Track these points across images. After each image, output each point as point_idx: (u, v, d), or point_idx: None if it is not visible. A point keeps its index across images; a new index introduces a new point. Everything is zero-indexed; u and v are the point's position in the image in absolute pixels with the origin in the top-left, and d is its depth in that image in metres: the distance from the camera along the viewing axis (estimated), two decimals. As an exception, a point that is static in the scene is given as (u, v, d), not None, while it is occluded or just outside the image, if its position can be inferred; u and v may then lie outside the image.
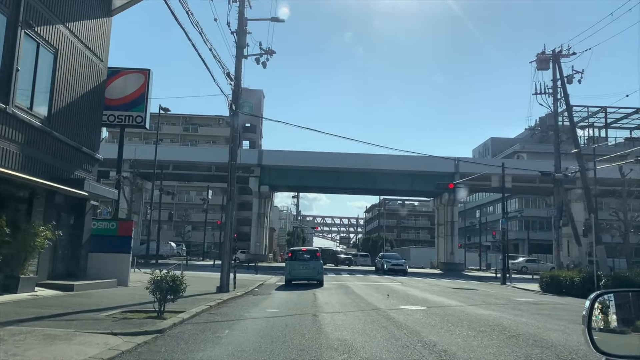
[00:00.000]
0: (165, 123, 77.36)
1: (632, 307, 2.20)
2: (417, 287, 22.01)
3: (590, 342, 2.11)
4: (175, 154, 50.32)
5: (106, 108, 18.17)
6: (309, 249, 23.05)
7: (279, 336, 7.75)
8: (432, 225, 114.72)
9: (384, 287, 21.64)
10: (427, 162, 49.60)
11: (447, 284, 26.90)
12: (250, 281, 22.89)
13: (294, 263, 20.99)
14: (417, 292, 18.71)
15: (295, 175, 50.69)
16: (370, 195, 68.12)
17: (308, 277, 20.85)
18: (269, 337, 7.70)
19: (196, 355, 6.18)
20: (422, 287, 22.41)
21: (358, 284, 23.27)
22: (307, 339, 7.55)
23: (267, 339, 7.45)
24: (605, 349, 2.07)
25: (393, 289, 20.23)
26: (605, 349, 2.07)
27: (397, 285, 23.48)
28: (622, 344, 2.08)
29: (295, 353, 6.38)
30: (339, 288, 19.98)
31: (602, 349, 2.08)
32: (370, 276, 31.44)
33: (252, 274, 29.28)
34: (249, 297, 15.70)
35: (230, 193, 17.06)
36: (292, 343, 7.12)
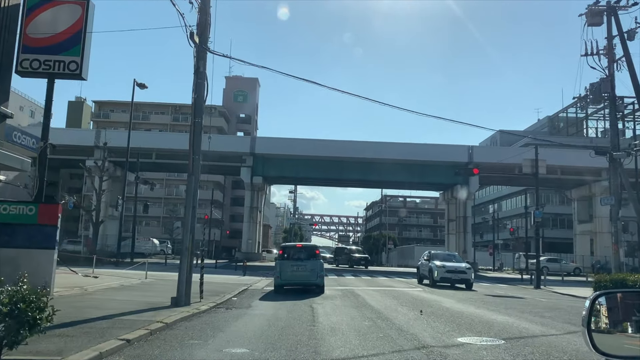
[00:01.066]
0: (153, 112, 72.63)
1: (632, 308, 2.16)
2: (447, 295, 17.14)
3: (590, 342, 2.08)
4: (158, 141, 45.34)
5: (28, 51, 13.21)
6: (306, 245, 18.12)
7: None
8: (435, 223, 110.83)
9: (404, 295, 16.76)
10: (437, 151, 44.84)
11: (477, 289, 22.08)
12: (231, 286, 18.03)
13: (286, 263, 16.11)
14: (456, 305, 13.75)
15: (292, 165, 45.74)
16: (375, 188, 63.08)
17: (304, 282, 15.98)
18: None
19: None
20: (454, 295, 17.57)
21: (368, 290, 18.35)
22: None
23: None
24: (605, 349, 2.05)
25: (418, 299, 15.38)
26: (605, 350, 2.04)
27: (419, 291, 18.61)
28: (622, 345, 2.06)
29: None
30: (345, 297, 15.08)
31: (601, 349, 2.05)
32: (379, 279, 26.52)
33: (238, 276, 24.61)
34: (215, 314, 10.82)
35: (192, 164, 12.16)
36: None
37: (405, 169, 45.29)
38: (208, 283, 19.21)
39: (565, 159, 43.07)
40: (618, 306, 2.21)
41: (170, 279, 20.32)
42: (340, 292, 16.87)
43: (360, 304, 13.01)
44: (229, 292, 15.71)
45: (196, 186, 12.14)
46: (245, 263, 26.86)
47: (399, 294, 16.52)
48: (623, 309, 2.20)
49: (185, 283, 11.54)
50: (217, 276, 24.16)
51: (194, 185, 12.07)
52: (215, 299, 13.49)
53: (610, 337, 2.13)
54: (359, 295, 15.72)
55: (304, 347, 6.84)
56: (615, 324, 2.19)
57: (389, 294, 16.71)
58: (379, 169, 45.19)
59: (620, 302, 2.23)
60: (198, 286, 13.10)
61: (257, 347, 6.76)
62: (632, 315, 2.17)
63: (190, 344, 6.92)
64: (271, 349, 6.66)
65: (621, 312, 2.20)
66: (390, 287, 19.79)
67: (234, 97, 78.07)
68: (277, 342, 7.20)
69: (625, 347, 2.07)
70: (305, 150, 44.32)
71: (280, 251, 16.57)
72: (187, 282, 11.62)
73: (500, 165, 43.87)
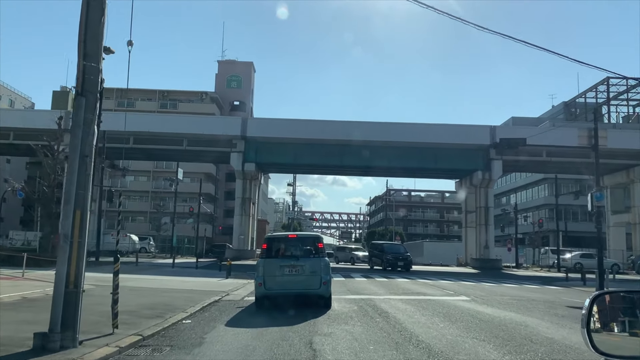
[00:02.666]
0: (139, 99, 67.11)
1: (631, 308, 2.15)
2: (499, 303, 11.67)
3: (589, 342, 2.06)
4: (136, 122, 39.67)
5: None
6: (303, 236, 12.35)
7: None
8: (442, 218, 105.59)
9: (455, 310, 11.28)
10: (454, 133, 39.28)
11: (520, 292, 16.65)
12: (198, 295, 12.65)
13: (273, 263, 10.65)
14: (560, 331, 8.19)
15: (288, 150, 40.17)
16: (381, 176, 57.60)
17: (300, 291, 10.54)
18: None
19: None
20: (504, 302, 12.14)
21: (394, 300, 12.70)
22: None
23: None
24: (605, 349, 2.03)
25: (466, 312, 9.93)
26: (605, 349, 2.03)
27: (455, 298, 13.15)
28: (622, 344, 2.05)
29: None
30: (365, 316, 9.57)
31: (601, 349, 2.03)
32: (397, 280, 20.94)
33: (219, 279, 19.51)
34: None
35: (81, 73, 6.53)
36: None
37: (416, 154, 39.77)
38: (164, 292, 13.70)
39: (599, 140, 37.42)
40: (618, 306, 2.20)
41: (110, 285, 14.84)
42: (354, 305, 11.34)
43: (399, 335, 7.47)
44: (186, 307, 10.24)
45: (92, 117, 6.53)
46: (229, 262, 21.30)
47: (446, 309, 10.96)
48: (623, 308, 2.17)
49: (66, 303, 5.99)
50: (190, 279, 18.79)
51: (86, 116, 6.44)
52: (148, 325, 7.99)
53: (610, 337, 2.09)
54: (386, 312, 10.15)
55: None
56: (616, 324, 2.16)
57: (430, 307, 11.16)
58: (385, 153, 39.65)
59: (620, 302, 2.23)
60: (126, 302, 7.64)
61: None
62: (632, 315, 2.12)
63: None
64: None
65: (621, 312, 2.16)
66: (423, 295, 14.23)
67: (227, 83, 72.50)
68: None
69: (625, 347, 2.04)
70: (303, 133, 38.77)
71: (265, 245, 10.93)
72: (70, 300, 6.07)
73: (526, 149, 38.32)
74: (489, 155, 39.48)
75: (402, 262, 30.59)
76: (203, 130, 39.24)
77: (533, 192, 69.70)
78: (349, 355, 5.99)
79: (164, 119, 42.81)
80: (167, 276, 20.11)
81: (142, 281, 17.09)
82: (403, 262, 30.62)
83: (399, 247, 34.24)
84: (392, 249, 32.51)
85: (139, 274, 20.50)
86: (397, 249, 32.93)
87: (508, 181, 73.32)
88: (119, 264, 7.54)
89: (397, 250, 32.47)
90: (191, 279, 19.40)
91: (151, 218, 63.06)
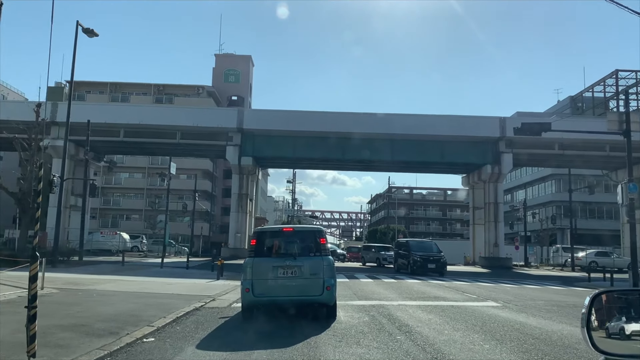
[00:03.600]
0: (134, 93, 65.03)
1: (631, 307, 2.18)
2: (538, 310, 9.64)
3: (589, 341, 2.06)
4: (126, 115, 37.61)
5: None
6: (300, 229, 9.98)
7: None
8: (444, 215, 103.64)
9: (472, 313, 9.21)
10: (461, 125, 37.21)
11: (551, 295, 14.60)
12: (177, 301, 10.63)
13: (264, 264, 8.57)
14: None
15: (287, 144, 38.07)
16: (384, 171, 55.39)
17: (297, 297, 8.45)
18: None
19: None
20: (543, 308, 10.11)
21: (412, 307, 10.58)
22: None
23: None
24: (605, 348, 2.03)
25: (507, 324, 7.91)
26: (605, 348, 2.03)
27: (482, 304, 11.11)
28: (622, 344, 2.04)
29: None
30: (381, 332, 7.48)
31: (601, 348, 2.03)
32: (407, 282, 18.85)
33: (209, 280, 17.47)
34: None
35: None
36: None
37: (422, 148, 37.72)
38: (138, 297, 11.51)
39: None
40: (618, 305, 2.21)
41: (85, 289, 12.79)
42: (365, 314, 9.26)
43: (426, 354, 5.38)
44: (155, 319, 8.18)
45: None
46: (220, 262, 19.23)
47: (480, 320, 8.83)
48: (623, 307, 2.19)
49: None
50: (175, 281, 16.75)
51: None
52: (89, 348, 5.91)
53: (611, 336, 2.07)
54: (407, 325, 8.05)
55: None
56: (616, 322, 2.12)
57: (460, 318, 9.05)
58: (389, 147, 37.60)
59: (620, 301, 2.25)
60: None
61: None
62: (633, 314, 2.14)
63: None
64: None
65: (622, 311, 2.17)
66: (443, 301, 12.12)
67: (224, 77, 70.39)
68: None
69: (625, 346, 2.04)
70: (302, 125, 36.68)
71: (253, 241, 8.80)
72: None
73: (537, 142, 36.32)
74: (498, 148, 37.45)
75: (434, 263, 24.67)
76: (197, 122, 37.16)
77: (540, 189, 67.67)
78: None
79: (156, 111, 40.68)
80: (152, 277, 18.05)
81: (120, 283, 15.03)
82: (435, 263, 24.67)
83: (429, 245, 27.55)
84: (421, 248, 26.47)
85: (120, 275, 18.47)
86: (426, 247, 26.76)
87: (513, 177, 71.24)
88: (36, 266, 5.40)
89: (428, 249, 26.39)
90: (178, 280, 17.36)
91: (146, 216, 60.98)
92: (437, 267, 24.53)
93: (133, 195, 65.69)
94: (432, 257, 25.01)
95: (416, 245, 26.85)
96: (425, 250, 26.14)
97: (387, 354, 5.82)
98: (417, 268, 24.53)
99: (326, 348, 6.15)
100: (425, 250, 25.98)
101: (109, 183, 64.00)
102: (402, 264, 26.70)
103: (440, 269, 24.49)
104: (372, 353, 5.88)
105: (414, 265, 24.80)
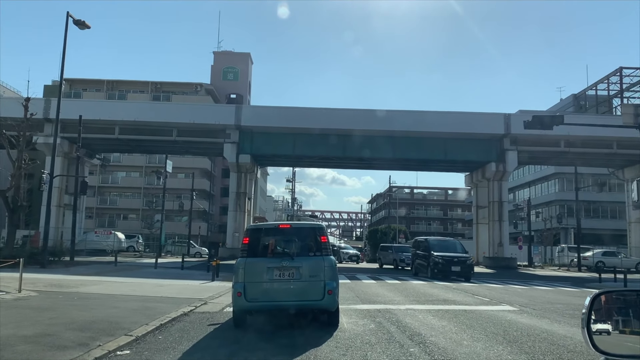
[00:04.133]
0: (131, 90, 64.07)
1: (632, 307, 2.16)
2: (561, 315, 8.80)
3: (589, 341, 2.06)
4: (122, 111, 36.70)
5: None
6: (298, 226, 8.96)
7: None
8: (445, 215, 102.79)
9: (489, 319, 8.33)
10: (465, 121, 36.32)
11: (566, 297, 13.71)
12: (164, 305, 9.78)
13: (257, 265, 7.65)
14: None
15: (287, 141, 37.16)
16: (385, 169, 54.27)
17: (295, 302, 7.48)
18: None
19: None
20: (564, 313, 9.28)
21: (421, 312, 9.61)
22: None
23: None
24: (605, 348, 2.03)
25: (531, 332, 7.05)
26: (605, 349, 2.03)
27: (497, 308, 10.22)
28: (622, 344, 2.04)
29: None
30: (386, 338, 6.63)
31: (601, 348, 2.04)
32: (412, 283, 17.93)
33: (203, 281, 16.60)
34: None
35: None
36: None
37: (424, 145, 36.82)
38: (122, 301, 10.47)
39: (619, 130, 34.38)
40: (618, 305, 2.19)
41: (67, 292, 11.85)
42: (370, 321, 8.34)
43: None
44: (135, 326, 7.27)
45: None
46: (215, 262, 18.32)
47: (500, 327, 7.90)
48: (623, 307, 2.17)
49: None
50: (168, 283, 15.86)
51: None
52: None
53: (610, 336, 2.08)
54: (419, 333, 7.12)
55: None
56: (615, 323, 2.13)
57: (477, 325, 8.12)
58: (390, 144, 36.70)
59: (620, 301, 2.23)
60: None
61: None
62: (633, 314, 2.12)
63: None
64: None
65: (621, 311, 2.16)
66: (454, 304, 11.17)
67: (223, 75, 69.48)
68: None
69: (625, 346, 2.04)
70: (302, 122, 35.77)
71: (246, 239, 7.86)
72: None
73: (542, 139, 35.45)
74: (502, 145, 36.56)
75: (459, 265, 21.08)
76: (194, 119, 36.23)
77: (543, 188, 66.83)
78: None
79: (152, 107, 39.73)
80: (143, 279, 17.14)
81: (107, 285, 14.11)
82: (460, 265, 21.08)
83: (453, 244, 23.82)
84: (443, 247, 22.71)
85: (110, 276, 17.57)
86: (449, 247, 23.00)
87: (515, 176, 70.34)
88: None
89: (451, 249, 22.68)
90: (170, 281, 16.46)
91: (144, 216, 60.04)
92: (463, 270, 21.01)
93: (130, 194, 64.79)
94: (456, 259, 21.43)
95: (437, 244, 23.11)
96: (448, 249, 22.44)
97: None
98: (438, 271, 21.28)
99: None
100: (447, 250, 22.29)
101: (106, 182, 63.10)
102: (421, 266, 23.42)
103: (466, 272, 20.99)
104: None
105: (435, 267, 21.48)
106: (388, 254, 34.15)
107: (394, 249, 34.29)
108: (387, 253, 34.63)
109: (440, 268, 21.20)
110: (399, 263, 31.62)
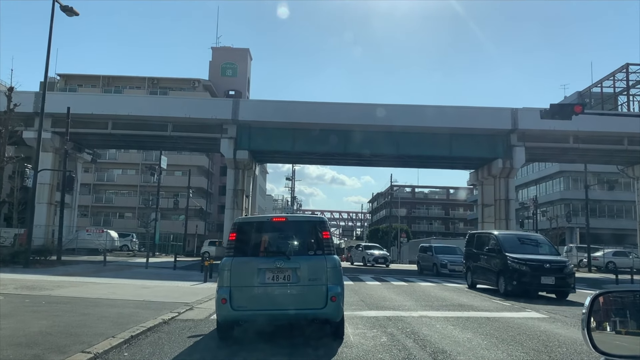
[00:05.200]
0: (127, 86, 62.76)
1: (632, 307, 2.13)
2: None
3: (589, 342, 2.03)
4: (115, 105, 35.40)
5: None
6: (295, 219, 7.69)
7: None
8: (447, 215, 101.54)
9: (518, 329, 7.05)
10: (470, 116, 34.98)
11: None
12: (146, 309, 8.47)
13: (246, 266, 6.36)
14: None
15: (286, 137, 35.88)
16: (387, 166, 52.85)
17: (291, 310, 6.19)
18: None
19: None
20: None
21: (439, 320, 8.31)
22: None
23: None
24: (605, 348, 2.00)
25: (571, 345, 5.72)
26: (605, 349, 2.00)
27: (523, 314, 8.96)
28: (622, 344, 2.01)
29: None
30: (402, 357, 5.25)
31: (601, 348, 2.00)
32: (420, 285, 16.64)
33: (195, 283, 15.39)
34: None
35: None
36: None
37: (428, 141, 35.50)
38: (95, 305, 8.94)
39: (630, 125, 33.14)
40: (618, 305, 2.17)
41: (38, 295, 10.53)
42: (380, 332, 7.05)
43: None
44: (99, 338, 6.00)
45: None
46: (209, 262, 17.07)
47: (534, 340, 6.61)
48: (623, 308, 2.16)
49: None
50: (155, 284, 14.58)
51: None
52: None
53: (610, 337, 2.05)
54: (442, 349, 5.82)
55: None
56: (616, 323, 2.11)
57: (507, 336, 6.83)
58: (397, 140, 35.43)
59: (620, 301, 2.21)
60: None
61: None
62: (633, 314, 2.10)
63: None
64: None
65: (621, 312, 2.14)
66: (472, 310, 9.89)
67: (221, 71, 68.18)
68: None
69: (625, 346, 2.01)
70: (302, 117, 34.45)
71: (233, 235, 6.63)
72: None
73: (551, 135, 34.22)
74: (509, 141, 35.26)
75: (553, 275, 13.09)
76: (190, 113, 34.91)
77: (548, 186, 65.61)
78: None
79: (146, 101, 38.41)
80: (130, 279, 15.90)
81: (86, 287, 12.84)
82: (554, 276, 13.13)
83: (535, 243, 15.19)
84: (520, 247, 14.37)
85: (95, 277, 16.30)
86: (531, 247, 14.68)
87: (519, 175, 69.13)
88: None
89: (533, 250, 14.46)
90: (158, 283, 15.19)
91: (140, 214, 58.77)
92: (558, 283, 13.11)
93: (127, 192, 63.55)
94: (547, 264, 13.24)
95: (510, 242, 14.54)
96: (531, 251, 14.22)
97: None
98: (518, 284, 13.10)
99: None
100: (529, 252, 14.04)
101: (101, 180, 61.89)
102: (482, 273, 15.22)
103: (564, 287, 13.28)
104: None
105: (512, 277, 13.22)
106: (427, 256, 27.11)
107: (433, 250, 26.76)
108: (425, 255, 27.46)
109: (526, 280, 13.03)
110: (439, 268, 24.74)
